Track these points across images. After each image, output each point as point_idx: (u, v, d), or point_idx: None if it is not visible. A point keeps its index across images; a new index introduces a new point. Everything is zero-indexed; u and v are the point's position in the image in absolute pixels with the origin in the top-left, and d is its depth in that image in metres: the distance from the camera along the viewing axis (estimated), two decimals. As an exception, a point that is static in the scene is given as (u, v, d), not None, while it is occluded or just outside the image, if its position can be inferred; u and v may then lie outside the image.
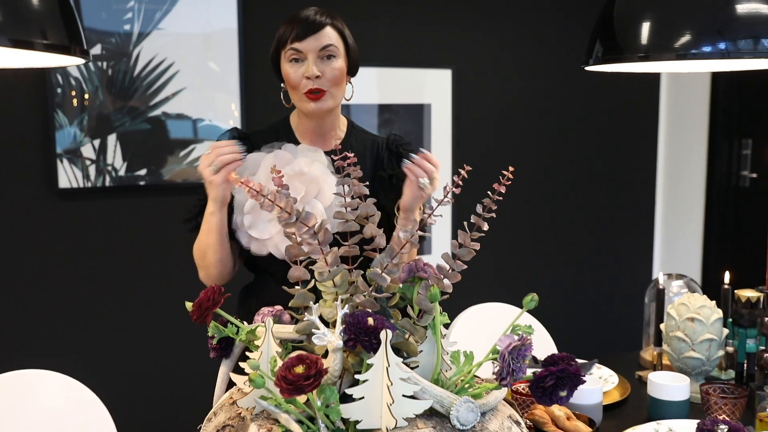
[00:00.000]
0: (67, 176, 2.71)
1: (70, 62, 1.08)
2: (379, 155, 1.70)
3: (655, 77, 3.82)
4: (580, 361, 1.79)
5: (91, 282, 2.80)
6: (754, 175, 3.54)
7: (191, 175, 2.88)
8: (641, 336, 2.12)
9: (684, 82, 3.77)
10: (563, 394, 1.12)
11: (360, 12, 3.15)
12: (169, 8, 2.78)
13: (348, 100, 1.67)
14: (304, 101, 1.60)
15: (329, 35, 1.60)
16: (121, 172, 2.79)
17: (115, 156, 2.77)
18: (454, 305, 2.25)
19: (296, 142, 1.67)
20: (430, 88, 3.29)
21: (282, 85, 1.67)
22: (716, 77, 3.64)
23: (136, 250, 2.86)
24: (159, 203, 2.89)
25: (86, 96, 2.71)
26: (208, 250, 1.63)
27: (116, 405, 1.75)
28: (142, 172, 2.83)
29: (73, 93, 2.69)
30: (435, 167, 1.57)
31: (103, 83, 2.72)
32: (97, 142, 2.74)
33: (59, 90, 2.66)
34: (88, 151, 2.73)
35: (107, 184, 2.77)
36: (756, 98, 3.55)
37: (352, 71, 1.67)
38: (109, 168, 2.77)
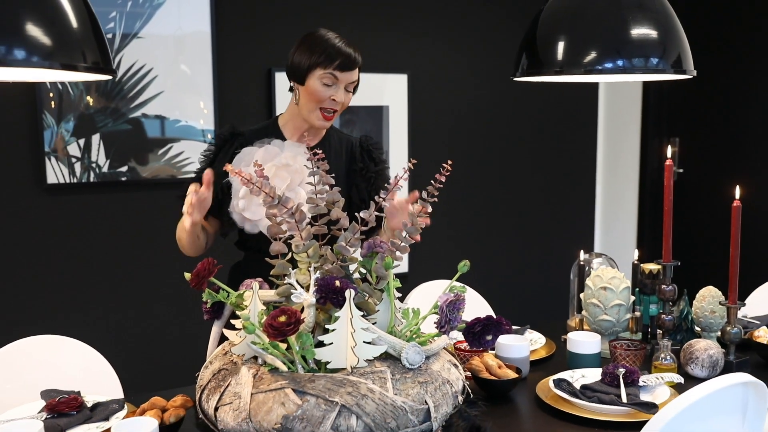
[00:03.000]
0: (55, 173, 2.93)
1: (100, 78, 1.34)
2: (353, 152, 2.01)
3: (594, 88, 4.18)
4: (515, 327, 2.11)
5: (78, 268, 3.03)
6: (681, 170, 3.93)
7: (167, 172, 3.13)
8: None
9: (619, 89, 4.14)
10: (489, 337, 1.43)
11: (322, 22, 3.41)
12: (150, 15, 3.03)
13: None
14: (318, 117, 1.89)
15: (356, 73, 1.92)
16: (105, 169, 3.03)
17: (98, 154, 3.01)
18: (413, 284, 2.56)
19: (283, 140, 1.96)
20: (388, 91, 3.59)
21: (292, 84, 1.93)
22: (647, 84, 4.02)
23: (118, 239, 3.10)
24: (139, 197, 3.13)
25: (72, 98, 2.94)
26: (182, 240, 1.95)
27: (119, 366, 1.99)
28: (124, 168, 3.07)
29: (61, 95, 2.92)
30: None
31: (87, 87, 2.96)
32: (82, 141, 2.97)
33: (47, 93, 2.89)
34: (73, 149, 2.96)
35: (92, 180, 3.00)
36: (682, 102, 3.94)
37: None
38: (94, 165, 3.00)
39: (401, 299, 1.56)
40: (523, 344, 1.83)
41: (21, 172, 2.91)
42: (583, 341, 1.86)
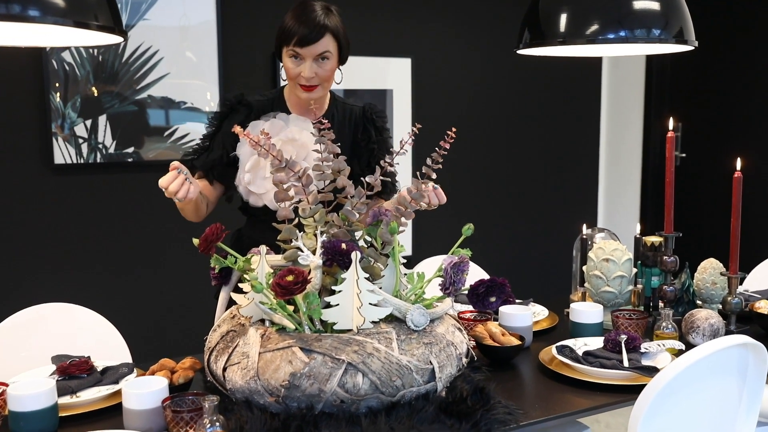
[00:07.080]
0: (62, 153, 2.96)
1: (113, 41, 1.36)
2: (357, 122, 2.00)
3: (597, 68, 4.20)
4: (518, 301, 2.13)
5: (84, 244, 3.07)
6: (684, 155, 3.94)
7: (172, 154, 3.16)
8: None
9: (622, 67, 4.16)
10: (492, 299, 1.45)
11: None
12: (154, 1, 3.05)
13: (338, 84, 1.95)
14: (299, 90, 1.86)
15: (326, 43, 1.82)
16: (111, 150, 3.05)
17: (105, 135, 3.03)
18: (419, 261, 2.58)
19: (287, 112, 1.96)
20: (392, 75, 3.62)
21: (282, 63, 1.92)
22: (650, 71, 4.05)
23: (124, 217, 3.13)
24: (143, 178, 3.16)
25: (79, 79, 2.96)
26: (184, 209, 1.89)
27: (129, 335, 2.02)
28: (129, 149, 3.09)
29: (68, 77, 2.94)
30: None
31: (94, 69, 2.98)
32: (89, 123, 3.00)
33: (54, 74, 2.91)
34: (80, 130, 2.99)
35: (98, 160, 3.03)
36: (685, 88, 3.96)
37: (342, 62, 1.92)
38: (100, 146, 3.03)
39: (404, 257, 1.57)
40: (526, 314, 1.85)
41: (29, 153, 2.94)
42: (585, 311, 1.88)
